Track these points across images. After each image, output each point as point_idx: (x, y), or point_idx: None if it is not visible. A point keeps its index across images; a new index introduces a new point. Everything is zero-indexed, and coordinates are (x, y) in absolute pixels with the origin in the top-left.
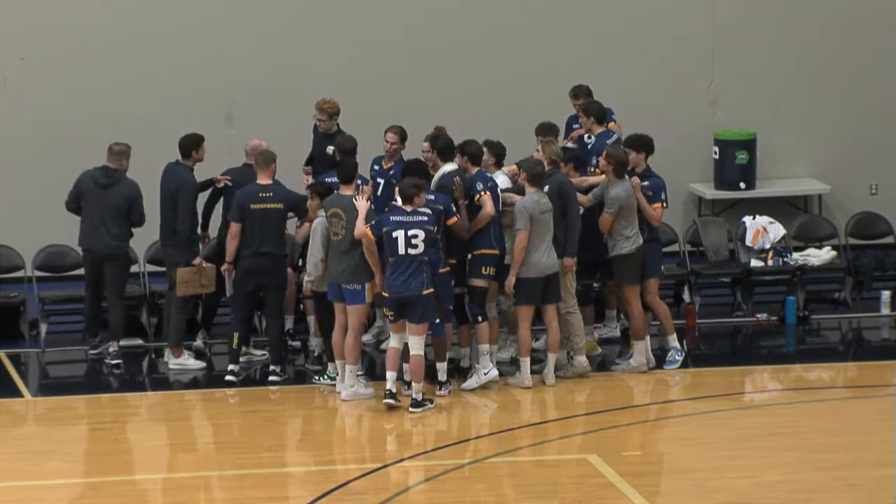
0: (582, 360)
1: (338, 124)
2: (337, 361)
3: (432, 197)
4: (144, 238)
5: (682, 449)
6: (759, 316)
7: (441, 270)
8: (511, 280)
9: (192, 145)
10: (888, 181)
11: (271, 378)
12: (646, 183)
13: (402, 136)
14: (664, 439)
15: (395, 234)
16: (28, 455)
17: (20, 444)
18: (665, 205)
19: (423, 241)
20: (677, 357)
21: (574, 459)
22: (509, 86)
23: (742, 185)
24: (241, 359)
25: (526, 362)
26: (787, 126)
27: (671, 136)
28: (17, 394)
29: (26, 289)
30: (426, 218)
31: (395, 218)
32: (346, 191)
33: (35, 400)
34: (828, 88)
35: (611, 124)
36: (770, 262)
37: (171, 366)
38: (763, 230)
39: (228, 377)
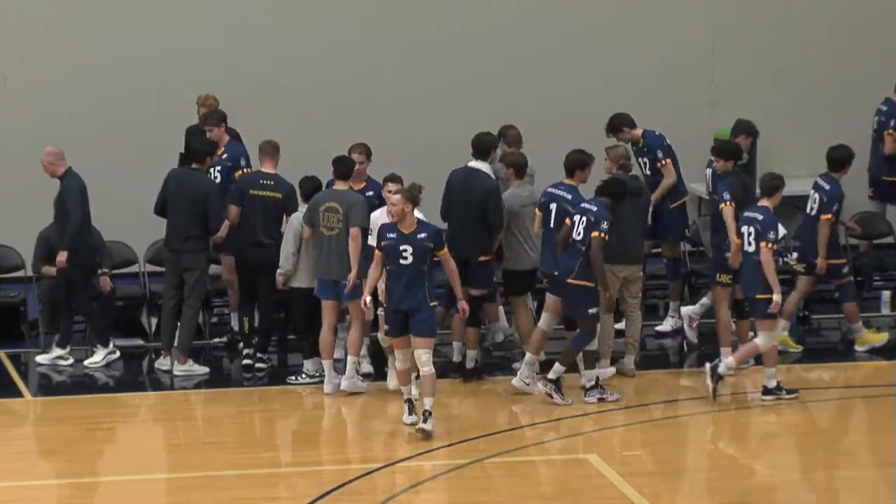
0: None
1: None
2: (324, 361)
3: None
4: (145, 238)
5: (682, 449)
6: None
7: (482, 259)
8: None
9: (207, 152)
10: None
11: (258, 365)
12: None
13: (368, 154)
14: (664, 439)
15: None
16: (28, 455)
17: (20, 444)
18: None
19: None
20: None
21: (574, 459)
22: (509, 86)
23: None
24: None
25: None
26: (787, 126)
27: (671, 136)
28: (17, 394)
29: (26, 289)
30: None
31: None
32: (342, 185)
33: (35, 400)
34: (828, 88)
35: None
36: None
37: (176, 372)
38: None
39: (247, 361)
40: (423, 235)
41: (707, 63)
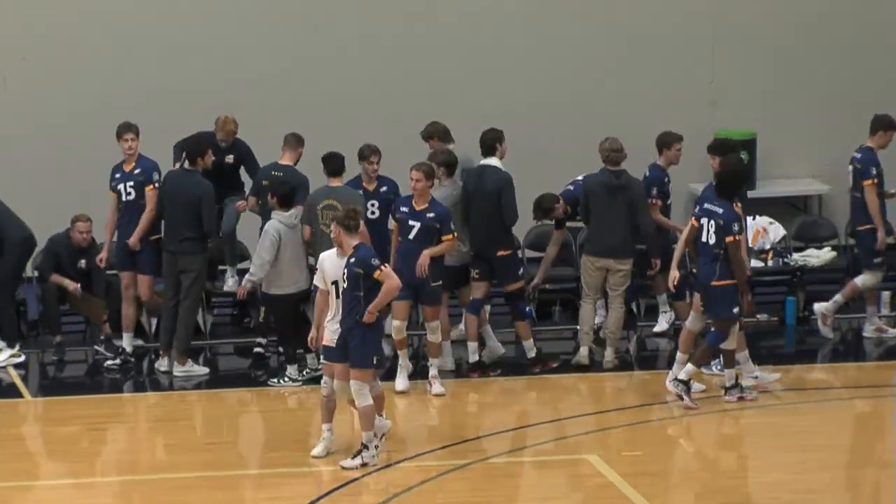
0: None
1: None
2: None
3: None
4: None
5: (681, 449)
6: (759, 316)
7: (501, 253)
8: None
9: (198, 153)
10: (888, 181)
11: (256, 350)
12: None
13: (379, 156)
14: (664, 439)
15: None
16: (28, 455)
17: (20, 444)
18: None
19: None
20: (714, 368)
21: (574, 459)
22: (509, 86)
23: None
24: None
25: (446, 344)
26: (787, 126)
27: None
28: (17, 394)
29: (26, 289)
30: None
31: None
32: (336, 182)
33: (35, 400)
34: (828, 88)
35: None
36: (770, 263)
37: (176, 373)
38: (763, 231)
39: (258, 349)
40: (353, 259)
41: (707, 63)
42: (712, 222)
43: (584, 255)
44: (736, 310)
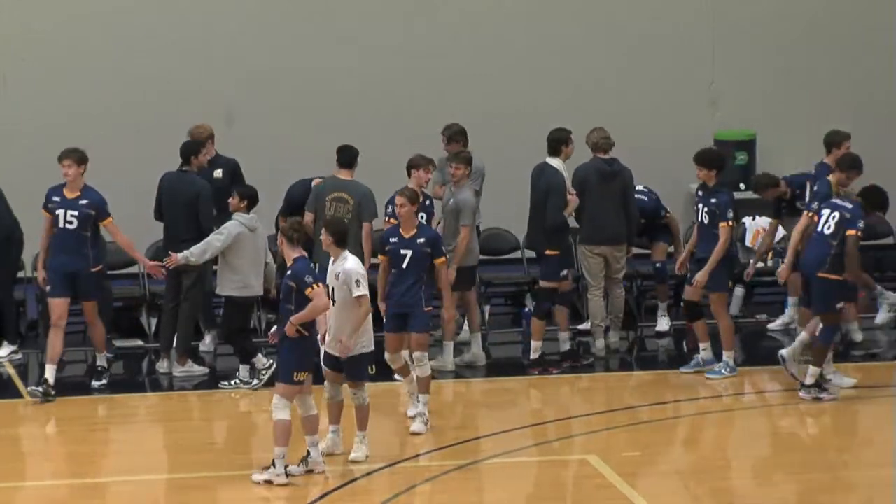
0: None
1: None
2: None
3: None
4: (145, 239)
5: (681, 449)
6: (759, 316)
7: (549, 252)
8: (453, 272)
9: (191, 152)
10: (888, 182)
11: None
12: (713, 200)
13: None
14: (664, 440)
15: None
16: (28, 455)
17: (20, 444)
18: (732, 223)
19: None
20: (724, 371)
21: (574, 459)
22: (510, 86)
23: (742, 185)
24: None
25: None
26: (787, 126)
27: (671, 136)
28: (16, 394)
29: (26, 289)
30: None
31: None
32: (346, 175)
33: (35, 400)
34: (828, 88)
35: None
36: (770, 263)
37: (176, 373)
38: (763, 231)
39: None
40: (289, 272)
41: (707, 63)
42: (835, 214)
43: (581, 245)
44: (840, 304)
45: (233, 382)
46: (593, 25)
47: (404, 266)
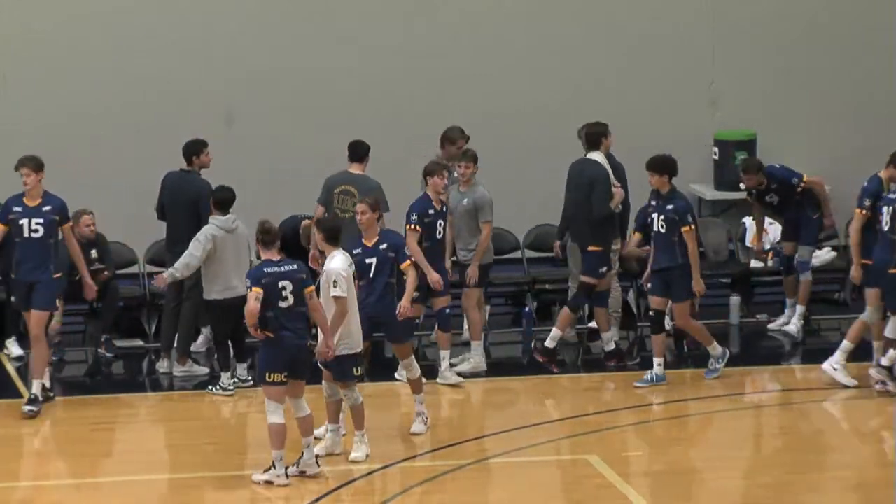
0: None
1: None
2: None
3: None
4: (145, 239)
5: (681, 449)
6: (758, 316)
7: (591, 248)
8: (475, 270)
9: (193, 152)
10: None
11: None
12: (669, 207)
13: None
14: (664, 440)
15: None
16: (29, 455)
17: (20, 444)
18: (692, 227)
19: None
20: (717, 365)
21: (574, 459)
22: (510, 86)
23: (742, 185)
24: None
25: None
26: (787, 126)
27: (671, 136)
28: (16, 394)
29: None
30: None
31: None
32: (356, 169)
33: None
34: (828, 88)
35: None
36: (770, 263)
37: (176, 373)
38: (763, 230)
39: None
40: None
41: (707, 63)
42: (892, 209)
43: (572, 241)
44: None
45: (213, 388)
46: (593, 25)
47: (371, 275)
